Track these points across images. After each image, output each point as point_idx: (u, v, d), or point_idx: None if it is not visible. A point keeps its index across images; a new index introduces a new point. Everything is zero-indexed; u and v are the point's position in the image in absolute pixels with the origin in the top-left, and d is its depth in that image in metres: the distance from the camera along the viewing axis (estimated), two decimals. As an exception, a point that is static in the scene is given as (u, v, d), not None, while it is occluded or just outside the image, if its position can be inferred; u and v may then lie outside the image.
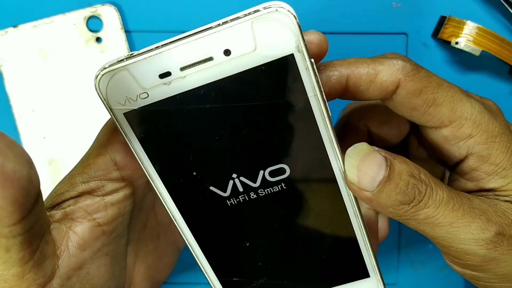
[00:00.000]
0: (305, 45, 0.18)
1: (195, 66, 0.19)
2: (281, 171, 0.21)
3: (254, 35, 0.18)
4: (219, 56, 0.19)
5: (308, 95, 0.19)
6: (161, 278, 0.27)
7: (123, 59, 0.19)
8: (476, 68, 0.32)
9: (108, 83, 0.19)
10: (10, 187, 0.17)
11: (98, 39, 0.31)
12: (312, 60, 0.19)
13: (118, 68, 0.19)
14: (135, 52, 0.19)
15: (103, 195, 0.21)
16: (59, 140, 0.32)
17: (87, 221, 0.21)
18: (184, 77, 0.19)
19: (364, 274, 0.24)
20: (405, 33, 0.32)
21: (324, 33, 0.31)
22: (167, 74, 0.19)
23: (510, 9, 0.30)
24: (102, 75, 0.19)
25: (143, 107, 0.20)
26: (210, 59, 0.19)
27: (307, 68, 0.19)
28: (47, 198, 0.22)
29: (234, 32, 0.18)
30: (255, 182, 0.21)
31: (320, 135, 0.20)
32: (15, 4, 0.31)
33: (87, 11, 0.31)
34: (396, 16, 0.32)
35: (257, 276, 0.24)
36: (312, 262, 0.24)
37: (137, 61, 0.19)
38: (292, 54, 0.18)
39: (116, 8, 0.31)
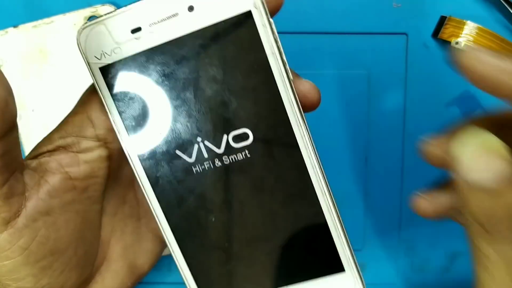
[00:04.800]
0: (263, 2, 0.19)
1: (162, 22, 0.20)
2: (244, 136, 0.21)
3: None
4: (183, 12, 0.20)
5: (266, 53, 0.20)
6: (141, 265, 0.26)
7: (102, 15, 0.20)
8: (477, 68, 0.32)
9: (87, 37, 0.21)
10: None
11: None
12: (271, 19, 0.19)
13: (96, 22, 0.20)
14: (114, 10, 0.20)
15: (77, 152, 0.22)
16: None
17: (59, 173, 0.21)
18: (152, 32, 0.20)
19: (338, 268, 0.22)
20: (405, 33, 0.32)
21: (324, 33, 0.32)
22: (138, 29, 0.20)
23: (510, 9, 0.30)
24: (83, 29, 0.20)
25: (116, 62, 0.21)
26: (176, 15, 0.20)
27: (264, 25, 0.19)
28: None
29: None
30: (219, 148, 0.21)
31: (280, 98, 0.20)
32: (15, 4, 0.31)
33: (87, 11, 0.31)
34: (396, 16, 0.32)
35: (223, 259, 0.23)
36: (277, 247, 0.22)
37: (112, 16, 0.20)
38: (250, 11, 0.19)
39: (116, 8, 0.31)
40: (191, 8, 0.20)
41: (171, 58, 0.21)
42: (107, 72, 0.21)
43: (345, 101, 0.32)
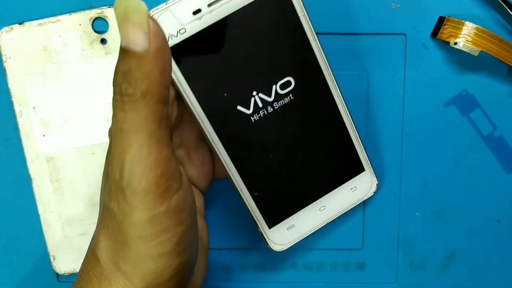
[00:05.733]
0: None
1: (219, 1, 0.24)
2: (288, 83, 0.26)
3: None
4: None
5: (299, 14, 0.25)
6: (206, 243, 0.28)
7: (164, 3, 0.24)
8: (475, 68, 0.32)
9: None
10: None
11: (103, 41, 0.31)
12: None
13: (162, 9, 0.24)
14: None
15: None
16: (58, 138, 0.32)
17: None
18: (211, 11, 0.24)
19: (360, 169, 0.29)
20: (404, 34, 0.32)
21: (323, 34, 0.32)
22: (198, 11, 0.24)
23: (508, 10, 0.30)
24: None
25: (183, 41, 0.24)
26: None
27: None
28: None
29: None
30: (270, 97, 0.26)
31: (311, 47, 0.26)
32: (21, 1, 0.31)
33: (93, 12, 0.31)
34: (395, 16, 0.32)
35: (279, 184, 0.28)
36: (321, 163, 0.29)
37: (176, 2, 0.24)
38: None
39: None
40: None
41: (228, 31, 0.25)
42: (175, 51, 0.24)
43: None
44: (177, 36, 0.24)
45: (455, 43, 0.30)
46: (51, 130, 0.32)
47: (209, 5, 0.24)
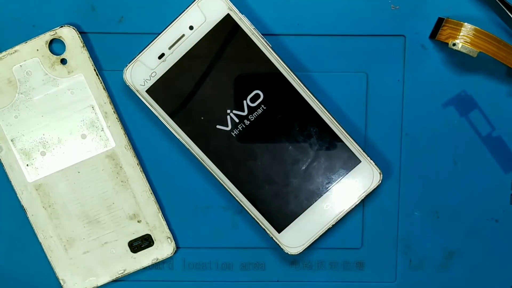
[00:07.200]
0: (233, 5, 0.28)
1: (177, 43, 0.29)
2: (257, 96, 0.30)
3: (202, 11, 0.29)
4: (187, 31, 0.29)
5: (248, 34, 0.29)
6: None
7: (134, 57, 0.29)
8: (474, 69, 0.33)
9: (131, 74, 0.29)
10: None
11: (63, 61, 0.31)
12: (241, 14, 0.28)
13: (133, 62, 0.29)
14: (142, 50, 0.29)
15: None
16: (41, 165, 0.32)
17: None
18: (172, 52, 0.29)
19: (356, 161, 0.30)
20: (403, 35, 0.32)
21: (322, 35, 0.32)
22: (162, 55, 0.29)
23: (507, 11, 0.30)
24: (126, 70, 0.29)
25: (156, 82, 0.29)
26: (184, 35, 0.29)
27: (240, 19, 0.29)
28: None
29: (190, 13, 0.29)
30: (243, 111, 0.30)
31: (268, 59, 0.29)
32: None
33: (47, 36, 0.31)
34: (394, 18, 0.32)
35: (276, 189, 0.30)
36: (313, 163, 0.30)
37: (143, 53, 0.29)
38: (228, 14, 0.29)
39: (74, 28, 0.31)
40: (191, 27, 0.29)
41: (191, 65, 0.29)
42: (151, 91, 0.29)
43: (344, 102, 0.33)
44: (150, 79, 0.29)
45: (454, 44, 0.30)
46: (33, 158, 0.32)
47: (169, 48, 0.29)
